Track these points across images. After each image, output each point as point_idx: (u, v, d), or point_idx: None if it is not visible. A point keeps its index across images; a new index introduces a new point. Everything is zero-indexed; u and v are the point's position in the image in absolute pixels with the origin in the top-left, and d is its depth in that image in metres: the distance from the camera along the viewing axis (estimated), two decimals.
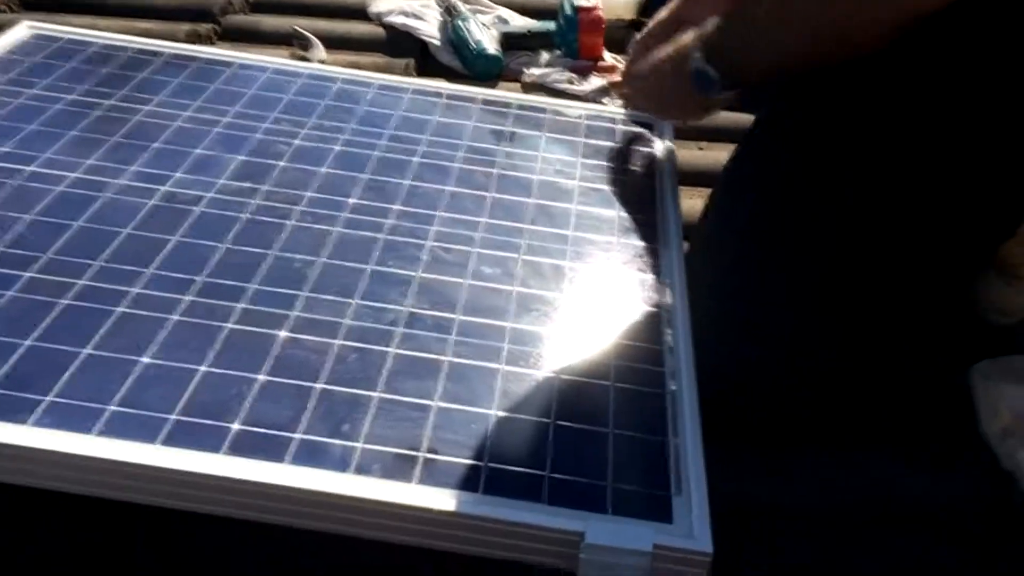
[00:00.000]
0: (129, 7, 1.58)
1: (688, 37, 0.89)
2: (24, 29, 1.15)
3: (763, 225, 0.92)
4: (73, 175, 0.89)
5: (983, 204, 0.89)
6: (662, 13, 1.03)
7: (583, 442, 0.69)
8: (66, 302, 0.74)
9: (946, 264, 0.93)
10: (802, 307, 0.89)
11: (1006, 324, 1.02)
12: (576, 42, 1.50)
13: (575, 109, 1.15)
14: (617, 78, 1.45)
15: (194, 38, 1.47)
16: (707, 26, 0.87)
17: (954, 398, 0.92)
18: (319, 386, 0.70)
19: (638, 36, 1.08)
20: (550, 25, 1.55)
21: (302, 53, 1.46)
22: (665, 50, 0.94)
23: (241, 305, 0.76)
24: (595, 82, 1.45)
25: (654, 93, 1.00)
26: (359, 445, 0.65)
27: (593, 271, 0.87)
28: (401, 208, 0.91)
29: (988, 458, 0.83)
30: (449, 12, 1.55)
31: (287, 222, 0.87)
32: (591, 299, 0.84)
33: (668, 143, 1.11)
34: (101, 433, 0.63)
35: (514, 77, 1.48)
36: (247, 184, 0.91)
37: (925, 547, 0.78)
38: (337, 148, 0.99)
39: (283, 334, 0.74)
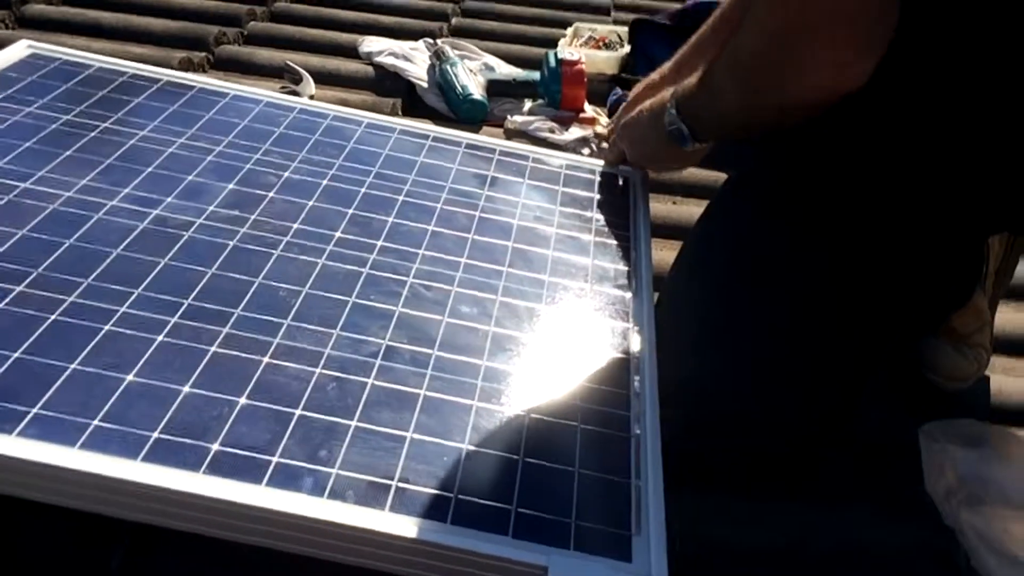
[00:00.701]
0: (125, 31, 1.61)
1: (667, 94, 0.98)
2: (23, 48, 1.18)
3: (730, 278, 0.97)
4: (66, 194, 0.91)
5: (934, 275, 0.93)
6: (653, 75, 1.11)
7: (549, 479, 0.72)
8: (54, 317, 0.76)
9: (898, 330, 0.97)
10: (764, 359, 0.92)
11: (956, 390, 1.07)
12: (559, 93, 1.55)
13: (556, 158, 1.20)
14: (599, 129, 1.50)
15: (187, 66, 1.50)
16: (681, 87, 0.95)
17: (907, 455, 0.96)
18: (298, 412, 0.72)
19: (629, 93, 1.15)
20: (534, 75, 1.60)
21: (292, 87, 1.49)
22: (647, 103, 1.03)
23: (226, 329, 0.79)
24: (576, 132, 1.50)
25: (637, 142, 1.09)
26: (334, 471, 0.68)
27: (566, 316, 0.90)
28: (384, 244, 0.94)
29: (935, 513, 0.87)
30: (438, 56, 1.59)
31: (274, 251, 0.89)
32: (563, 342, 0.87)
33: (642, 196, 1.15)
34: (84, 447, 0.65)
35: (497, 123, 1.53)
36: (236, 212, 0.94)
37: None
38: (325, 182, 1.03)
39: (265, 360, 0.76)
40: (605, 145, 1.37)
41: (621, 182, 1.17)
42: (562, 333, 0.88)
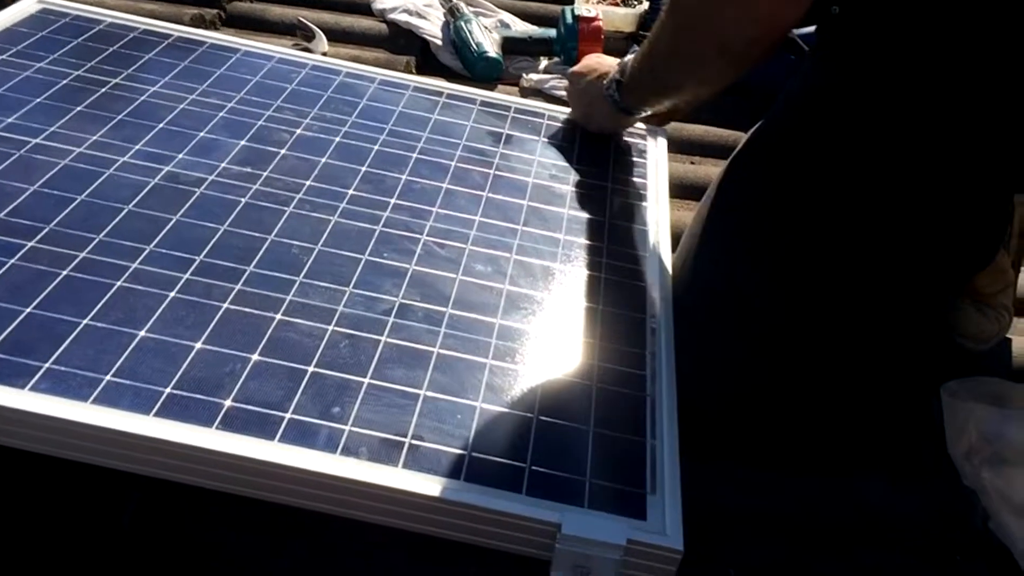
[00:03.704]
0: None
1: (613, 63, 1.06)
2: (33, 3, 1.16)
3: (737, 244, 0.95)
4: (77, 150, 0.91)
5: (958, 234, 0.92)
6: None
7: (564, 438, 0.71)
8: (66, 273, 0.76)
9: (920, 290, 0.96)
10: (782, 321, 0.91)
11: (978, 351, 1.05)
12: (575, 50, 1.52)
13: None
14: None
15: (199, 22, 1.49)
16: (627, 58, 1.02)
17: (923, 418, 0.95)
18: (311, 369, 0.72)
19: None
20: (551, 32, 1.57)
21: (305, 44, 1.47)
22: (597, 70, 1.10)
23: (238, 286, 0.78)
24: None
25: (579, 98, 1.14)
26: (347, 428, 0.67)
27: (581, 274, 0.89)
28: (398, 202, 0.93)
29: (952, 476, 0.86)
30: (452, 13, 1.57)
31: (286, 208, 0.88)
32: (578, 301, 0.86)
33: (661, 155, 1.14)
34: (96, 401, 0.65)
35: (512, 81, 1.51)
36: (248, 169, 0.93)
37: (887, 559, 0.80)
38: (337, 139, 1.01)
39: (278, 317, 0.76)
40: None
41: (639, 140, 1.15)
42: (577, 292, 0.87)
